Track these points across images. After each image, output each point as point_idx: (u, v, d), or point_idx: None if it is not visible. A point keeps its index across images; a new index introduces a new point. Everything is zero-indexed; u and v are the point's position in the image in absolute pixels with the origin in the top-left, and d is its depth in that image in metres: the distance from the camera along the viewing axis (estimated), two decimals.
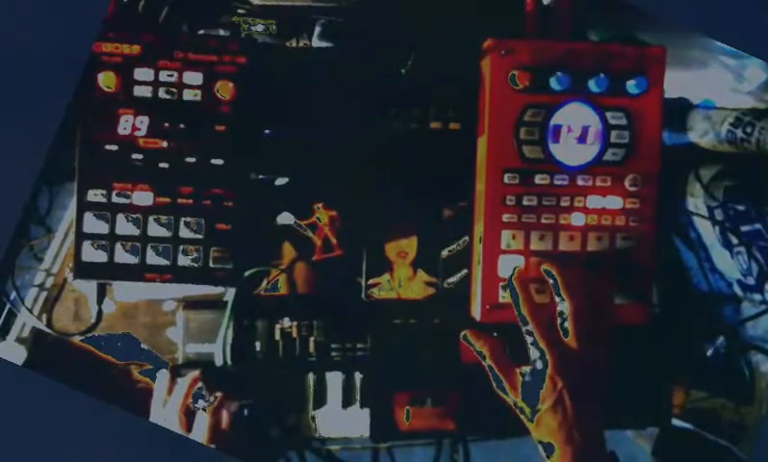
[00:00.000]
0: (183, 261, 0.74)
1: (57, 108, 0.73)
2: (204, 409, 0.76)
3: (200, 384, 0.77)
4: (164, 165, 0.74)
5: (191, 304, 0.82)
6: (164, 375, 0.79)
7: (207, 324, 0.81)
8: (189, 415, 0.77)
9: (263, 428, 0.81)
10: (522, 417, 0.69)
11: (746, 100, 0.86)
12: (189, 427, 0.76)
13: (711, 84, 0.88)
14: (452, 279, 0.84)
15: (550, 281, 0.71)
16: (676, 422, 0.93)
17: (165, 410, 0.77)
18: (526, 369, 0.69)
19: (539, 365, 0.68)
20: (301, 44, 0.83)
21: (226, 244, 0.75)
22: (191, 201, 0.74)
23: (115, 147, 0.73)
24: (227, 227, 0.75)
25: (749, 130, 0.83)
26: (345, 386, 0.82)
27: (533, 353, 0.69)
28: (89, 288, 0.81)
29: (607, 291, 0.73)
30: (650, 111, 0.75)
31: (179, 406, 0.77)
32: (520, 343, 0.70)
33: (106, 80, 0.72)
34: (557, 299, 0.70)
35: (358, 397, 0.82)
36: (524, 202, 0.74)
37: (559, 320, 0.69)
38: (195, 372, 0.78)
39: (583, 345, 0.68)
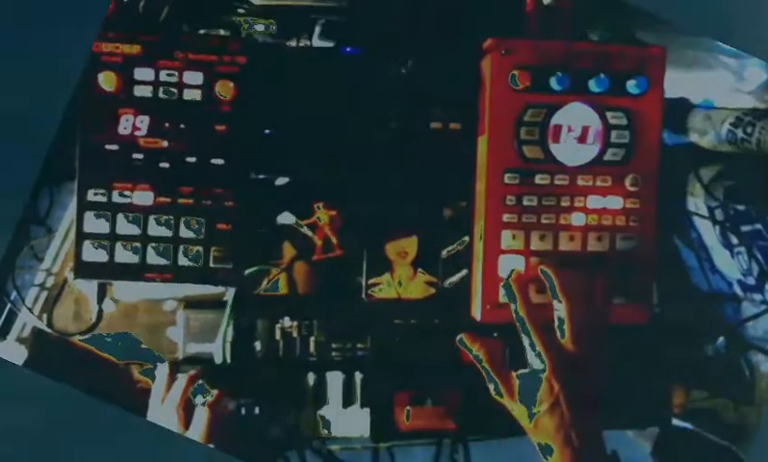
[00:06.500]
0: (183, 261, 0.74)
1: (57, 108, 0.73)
2: (203, 404, 0.76)
3: (200, 381, 0.77)
4: (164, 164, 0.74)
5: (191, 304, 0.82)
6: (163, 371, 0.79)
7: (207, 324, 0.81)
8: (187, 412, 0.77)
9: (263, 428, 0.81)
10: (519, 420, 0.69)
11: (746, 100, 0.86)
12: (186, 424, 0.76)
13: (711, 84, 0.88)
14: (452, 279, 0.84)
15: (547, 283, 0.71)
16: (676, 422, 0.93)
17: (162, 406, 0.77)
18: (523, 371, 0.69)
19: (536, 367, 0.68)
20: (301, 44, 0.83)
21: (226, 244, 0.75)
22: (191, 201, 0.74)
23: (115, 147, 0.73)
24: (227, 227, 0.75)
25: (749, 130, 0.83)
26: (345, 386, 0.82)
27: (530, 355, 0.69)
28: (89, 287, 0.81)
29: (604, 292, 0.73)
30: (650, 111, 0.75)
31: (177, 402, 0.77)
32: (520, 343, 0.70)
33: (106, 80, 0.72)
34: (554, 301, 0.70)
35: (358, 396, 0.82)
36: (525, 202, 0.74)
37: (556, 322, 0.69)
38: (193, 370, 0.78)
39: (580, 346, 0.68)
